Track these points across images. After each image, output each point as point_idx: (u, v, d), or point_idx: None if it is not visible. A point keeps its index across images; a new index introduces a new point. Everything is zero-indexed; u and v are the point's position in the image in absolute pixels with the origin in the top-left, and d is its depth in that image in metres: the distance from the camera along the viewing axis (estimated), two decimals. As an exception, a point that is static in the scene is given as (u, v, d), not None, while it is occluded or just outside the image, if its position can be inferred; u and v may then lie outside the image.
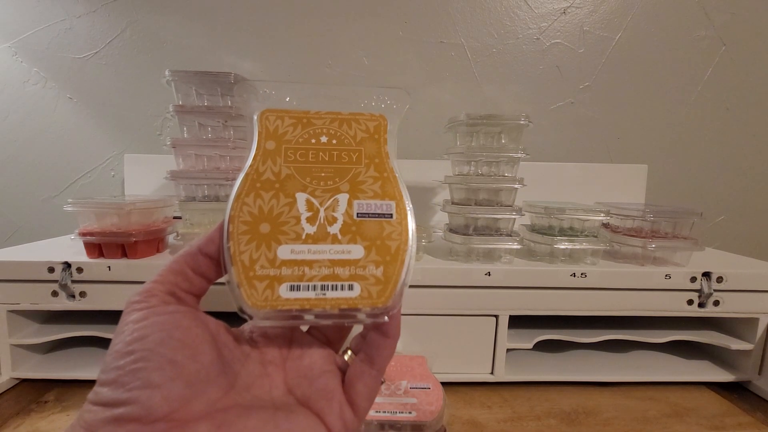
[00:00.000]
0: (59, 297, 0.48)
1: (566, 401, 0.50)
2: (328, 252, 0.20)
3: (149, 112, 0.81)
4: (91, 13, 0.78)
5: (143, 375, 0.16)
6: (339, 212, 0.21)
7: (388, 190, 0.22)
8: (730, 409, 0.49)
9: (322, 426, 0.19)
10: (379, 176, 0.22)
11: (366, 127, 0.23)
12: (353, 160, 0.22)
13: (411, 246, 0.21)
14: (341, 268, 0.20)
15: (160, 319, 0.18)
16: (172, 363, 0.17)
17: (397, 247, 0.21)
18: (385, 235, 0.21)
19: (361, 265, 0.20)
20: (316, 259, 0.20)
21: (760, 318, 0.52)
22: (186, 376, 0.17)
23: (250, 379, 0.20)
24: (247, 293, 0.19)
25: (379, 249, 0.21)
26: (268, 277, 0.19)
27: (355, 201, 0.21)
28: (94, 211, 0.51)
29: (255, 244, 0.20)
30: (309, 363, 0.21)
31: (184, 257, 0.20)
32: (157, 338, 0.17)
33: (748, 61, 0.83)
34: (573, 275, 0.50)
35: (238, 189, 0.21)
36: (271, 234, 0.20)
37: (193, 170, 0.53)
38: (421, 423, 0.34)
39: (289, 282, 0.19)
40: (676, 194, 0.87)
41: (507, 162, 0.55)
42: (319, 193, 0.21)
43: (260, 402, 0.19)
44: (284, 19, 0.79)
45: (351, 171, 0.22)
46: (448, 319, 0.51)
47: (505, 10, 0.81)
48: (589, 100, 0.83)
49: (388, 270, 0.20)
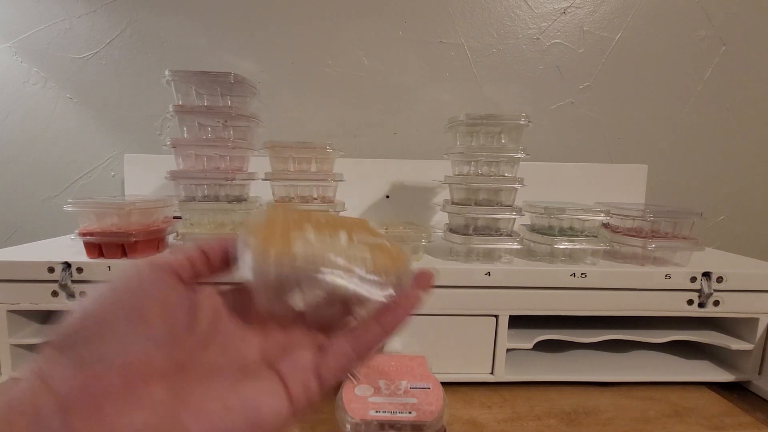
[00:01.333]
0: (59, 297, 0.48)
1: (566, 401, 0.50)
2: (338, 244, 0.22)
3: (149, 112, 0.81)
4: (91, 13, 0.78)
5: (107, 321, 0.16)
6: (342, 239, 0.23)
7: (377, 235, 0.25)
8: (730, 409, 0.49)
9: (284, 394, 0.19)
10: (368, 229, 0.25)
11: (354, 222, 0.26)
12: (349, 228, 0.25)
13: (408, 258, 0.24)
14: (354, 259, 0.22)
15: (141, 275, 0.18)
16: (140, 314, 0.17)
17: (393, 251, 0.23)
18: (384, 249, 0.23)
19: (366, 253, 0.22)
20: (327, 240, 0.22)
21: (760, 318, 0.52)
22: (151, 330, 0.17)
23: (227, 340, 0.20)
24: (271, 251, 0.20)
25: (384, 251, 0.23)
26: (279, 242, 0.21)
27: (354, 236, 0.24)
28: (94, 211, 0.51)
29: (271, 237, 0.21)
30: (291, 339, 0.22)
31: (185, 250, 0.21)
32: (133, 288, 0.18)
33: (748, 61, 0.83)
34: (573, 275, 0.50)
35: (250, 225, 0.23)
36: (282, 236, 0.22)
37: (193, 170, 0.53)
38: (422, 423, 0.34)
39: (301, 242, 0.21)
40: (676, 194, 0.87)
41: (507, 162, 0.55)
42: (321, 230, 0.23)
43: (229, 364, 0.19)
44: (284, 19, 0.79)
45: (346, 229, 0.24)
46: (448, 319, 0.51)
47: (505, 10, 0.81)
48: (589, 100, 0.83)
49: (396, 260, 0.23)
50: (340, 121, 0.83)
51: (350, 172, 0.61)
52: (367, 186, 0.79)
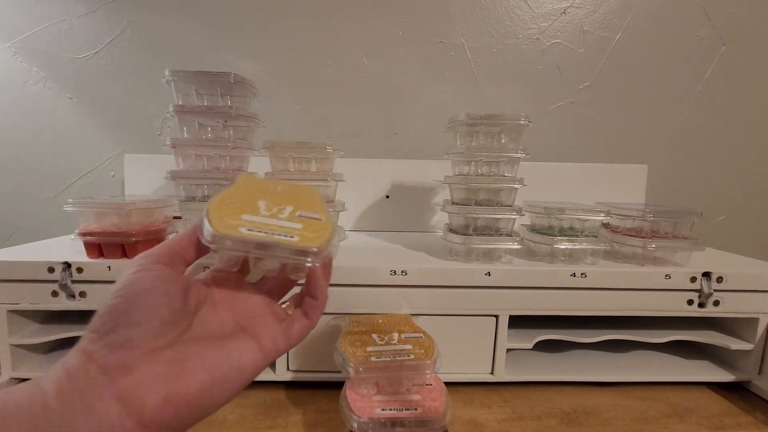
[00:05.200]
0: (59, 297, 0.48)
1: (566, 401, 0.50)
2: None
3: (149, 112, 0.81)
4: (91, 13, 0.78)
5: (129, 314, 0.22)
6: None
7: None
8: (730, 409, 0.49)
9: (256, 347, 0.26)
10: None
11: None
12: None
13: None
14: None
15: (147, 275, 0.24)
16: (152, 307, 0.23)
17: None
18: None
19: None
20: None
21: (760, 318, 0.52)
22: (160, 316, 0.23)
23: (206, 318, 0.26)
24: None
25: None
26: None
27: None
28: (94, 211, 0.51)
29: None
30: (253, 304, 0.29)
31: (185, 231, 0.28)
32: (142, 287, 0.23)
33: (748, 61, 0.83)
34: (573, 275, 0.50)
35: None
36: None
37: (193, 170, 0.53)
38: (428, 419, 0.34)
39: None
40: (676, 194, 0.87)
41: (507, 162, 0.55)
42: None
43: (212, 333, 0.26)
44: (284, 19, 0.79)
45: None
46: (448, 319, 0.51)
47: (505, 10, 0.81)
48: (589, 100, 0.83)
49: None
50: (340, 121, 0.83)
51: (350, 172, 0.61)
52: (367, 186, 0.79)
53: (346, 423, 0.35)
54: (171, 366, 0.22)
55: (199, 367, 0.23)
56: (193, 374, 0.22)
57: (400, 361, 0.38)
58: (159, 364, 0.22)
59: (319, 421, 0.44)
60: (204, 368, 0.23)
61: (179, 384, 0.22)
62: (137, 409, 0.21)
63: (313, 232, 0.28)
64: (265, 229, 0.27)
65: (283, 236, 0.27)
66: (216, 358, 0.24)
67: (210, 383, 0.23)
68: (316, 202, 0.32)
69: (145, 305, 0.23)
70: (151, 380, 0.21)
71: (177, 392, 0.22)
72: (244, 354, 0.25)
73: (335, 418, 0.45)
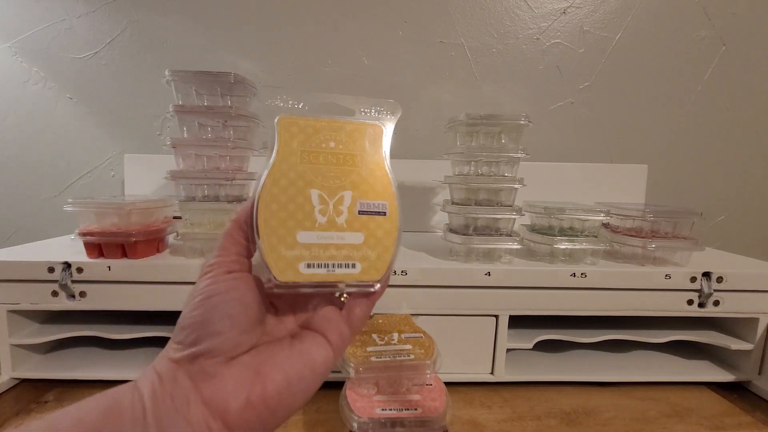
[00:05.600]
0: (59, 297, 0.48)
1: (566, 401, 0.50)
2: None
3: (149, 112, 0.81)
4: (91, 13, 0.78)
5: (209, 325, 0.23)
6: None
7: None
8: (730, 409, 0.49)
9: (324, 340, 0.26)
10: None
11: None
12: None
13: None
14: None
15: (223, 285, 0.24)
16: (230, 317, 0.23)
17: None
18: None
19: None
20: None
21: (760, 318, 0.52)
22: (239, 326, 0.24)
23: (272, 325, 0.27)
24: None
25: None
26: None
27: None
28: (94, 211, 0.51)
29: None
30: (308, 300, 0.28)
31: (235, 229, 0.26)
32: (220, 298, 0.24)
33: (748, 61, 0.83)
34: (573, 275, 0.50)
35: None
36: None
37: (193, 170, 0.53)
38: (428, 419, 0.34)
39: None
40: (676, 194, 0.87)
41: (507, 162, 0.55)
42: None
43: (280, 335, 0.26)
44: (284, 18, 0.79)
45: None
46: (448, 319, 0.51)
47: (505, 10, 0.81)
48: (589, 100, 0.83)
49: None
50: (340, 121, 0.83)
51: (350, 172, 0.61)
52: (367, 186, 0.79)
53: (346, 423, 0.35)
54: (249, 371, 0.23)
55: (275, 369, 0.24)
56: (270, 377, 0.23)
57: (400, 361, 0.38)
58: (238, 369, 0.23)
59: (319, 421, 0.44)
60: (279, 370, 0.24)
61: (257, 387, 0.23)
62: (222, 413, 0.22)
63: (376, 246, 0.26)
64: (325, 258, 0.25)
65: (344, 267, 0.25)
66: (288, 359, 0.24)
67: (286, 384, 0.24)
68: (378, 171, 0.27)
69: (224, 316, 0.23)
70: (233, 385, 0.23)
71: (256, 395, 0.23)
72: (314, 352, 0.25)
73: (335, 418, 0.45)
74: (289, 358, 0.24)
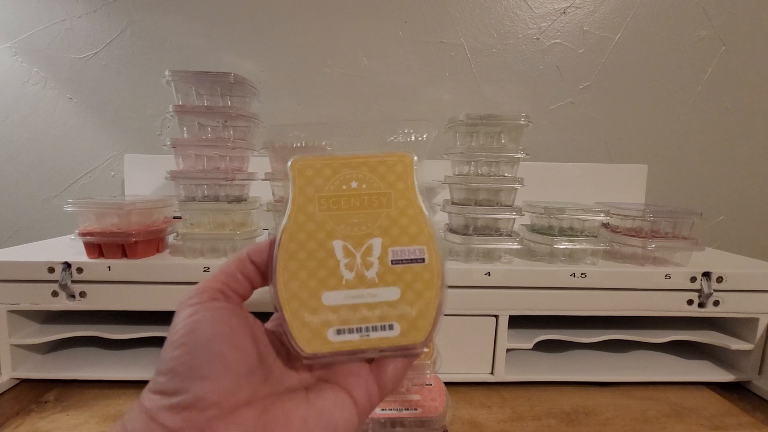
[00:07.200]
0: (59, 297, 0.48)
1: (566, 401, 0.50)
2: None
3: (149, 112, 0.81)
4: (91, 13, 0.78)
5: (196, 367, 0.19)
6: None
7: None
8: (730, 409, 0.49)
9: (349, 399, 0.21)
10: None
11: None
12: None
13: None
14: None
15: (209, 315, 0.20)
16: (221, 356, 0.19)
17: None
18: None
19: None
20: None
21: (760, 318, 0.52)
22: (233, 368, 0.19)
23: (281, 372, 0.22)
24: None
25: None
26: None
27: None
28: (94, 211, 0.51)
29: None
30: None
31: (235, 261, 0.22)
32: (207, 333, 0.19)
33: (748, 61, 0.83)
34: (573, 275, 0.50)
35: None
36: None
37: (193, 170, 0.53)
38: (428, 419, 0.34)
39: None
40: (676, 194, 0.87)
41: (507, 162, 0.55)
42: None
43: (292, 388, 0.21)
44: (284, 19, 0.79)
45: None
46: (448, 319, 0.51)
47: (505, 10, 0.81)
48: (589, 100, 0.83)
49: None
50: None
51: (350, 172, 0.61)
52: (367, 186, 0.79)
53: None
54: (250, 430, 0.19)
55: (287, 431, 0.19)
56: None
57: None
58: (239, 427, 0.18)
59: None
60: None
61: None
62: None
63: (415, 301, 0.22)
64: (357, 321, 0.21)
65: (380, 330, 0.21)
66: (304, 421, 0.19)
67: None
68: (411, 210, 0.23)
69: (213, 356, 0.19)
70: None
71: None
72: (336, 412, 0.20)
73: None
74: (306, 419, 0.19)
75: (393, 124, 0.25)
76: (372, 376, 0.22)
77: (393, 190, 0.24)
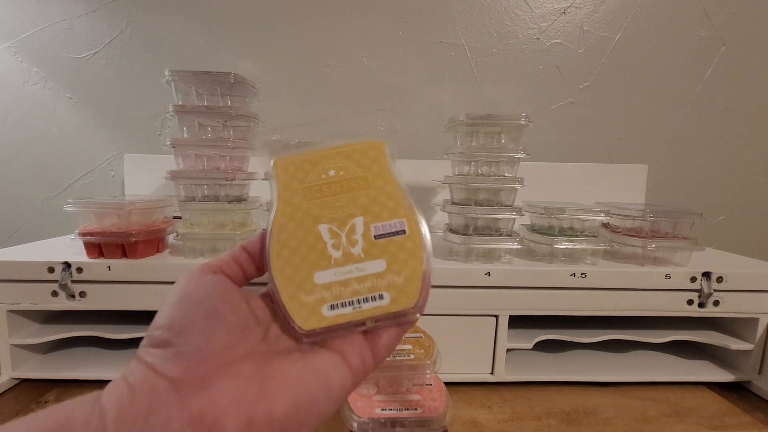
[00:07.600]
0: (59, 297, 0.48)
1: (566, 401, 0.50)
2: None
3: (149, 112, 0.81)
4: (91, 13, 0.78)
5: (192, 320, 0.20)
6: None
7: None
8: (730, 409, 0.49)
9: (343, 362, 0.22)
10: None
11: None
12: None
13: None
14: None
15: (203, 281, 0.22)
16: (214, 310, 0.20)
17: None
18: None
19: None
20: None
21: (760, 318, 0.52)
22: (226, 321, 0.20)
23: (277, 335, 0.23)
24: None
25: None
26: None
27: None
28: (94, 211, 0.51)
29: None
30: None
31: (229, 251, 0.24)
32: (201, 293, 0.21)
33: (748, 61, 0.83)
34: (573, 275, 0.50)
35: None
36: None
37: (193, 170, 0.53)
38: (428, 419, 0.34)
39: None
40: (676, 194, 0.87)
41: (507, 162, 0.55)
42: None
43: (289, 349, 0.22)
44: (284, 19, 0.79)
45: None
46: (448, 319, 0.51)
47: (505, 10, 0.81)
48: (589, 100, 0.83)
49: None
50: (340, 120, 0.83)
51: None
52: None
53: (346, 423, 0.35)
54: (251, 384, 0.19)
55: (283, 387, 0.20)
56: (278, 394, 0.19)
57: (399, 361, 0.38)
58: (237, 380, 0.19)
59: (319, 421, 0.44)
60: (289, 387, 0.20)
61: (262, 407, 0.19)
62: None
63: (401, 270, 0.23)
64: (348, 295, 0.23)
65: (371, 300, 0.23)
66: (300, 377, 0.20)
67: (296, 405, 0.19)
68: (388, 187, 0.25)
69: (207, 312, 0.20)
70: (230, 400, 0.18)
71: (261, 416, 0.18)
72: (331, 371, 0.21)
73: (335, 418, 0.44)
74: (302, 375, 0.20)
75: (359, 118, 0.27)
76: (366, 344, 0.23)
77: (369, 173, 0.26)
